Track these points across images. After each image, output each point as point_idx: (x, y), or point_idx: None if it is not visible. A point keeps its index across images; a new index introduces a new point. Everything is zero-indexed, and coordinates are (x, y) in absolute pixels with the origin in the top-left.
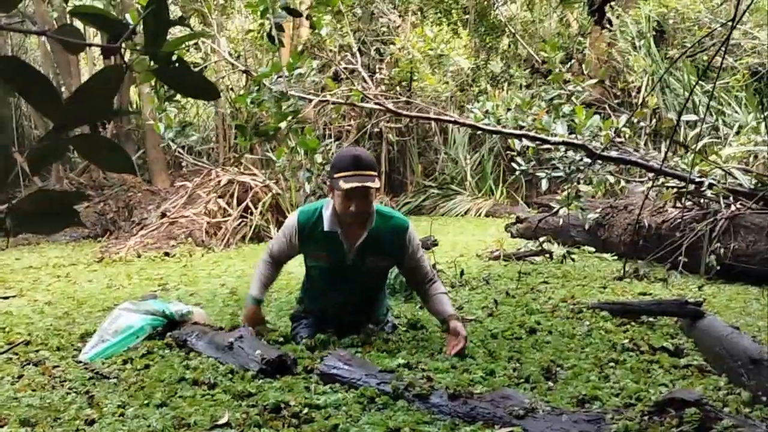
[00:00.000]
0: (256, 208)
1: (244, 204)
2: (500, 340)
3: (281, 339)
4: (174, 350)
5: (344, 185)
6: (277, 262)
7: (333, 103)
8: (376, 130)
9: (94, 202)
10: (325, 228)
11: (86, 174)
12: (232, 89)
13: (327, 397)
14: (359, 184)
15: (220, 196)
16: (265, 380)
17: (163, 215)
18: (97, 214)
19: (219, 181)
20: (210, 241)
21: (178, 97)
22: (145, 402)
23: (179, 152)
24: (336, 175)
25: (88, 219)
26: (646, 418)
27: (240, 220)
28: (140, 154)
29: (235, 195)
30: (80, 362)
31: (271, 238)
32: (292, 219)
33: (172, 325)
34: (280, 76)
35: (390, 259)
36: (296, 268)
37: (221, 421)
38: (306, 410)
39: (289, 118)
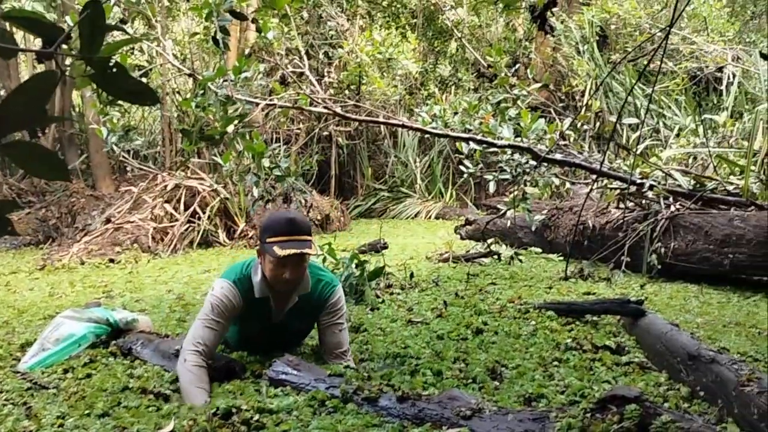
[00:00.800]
0: (204, 213)
1: (191, 209)
2: (446, 341)
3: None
4: (118, 359)
5: (279, 251)
6: (209, 358)
7: (280, 106)
8: (325, 133)
9: (35, 208)
10: (257, 295)
11: (27, 180)
12: (178, 92)
13: (279, 401)
14: (296, 251)
15: (166, 201)
16: (214, 385)
17: (108, 221)
18: (38, 221)
19: (165, 186)
20: (156, 247)
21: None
22: (86, 412)
23: (124, 157)
24: (269, 240)
25: (29, 225)
26: (588, 415)
27: (187, 225)
28: (83, 158)
29: (182, 200)
30: (18, 372)
31: (220, 243)
32: (226, 288)
33: (116, 334)
34: (226, 80)
35: (312, 319)
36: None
37: (165, 430)
38: (257, 416)
39: (236, 122)
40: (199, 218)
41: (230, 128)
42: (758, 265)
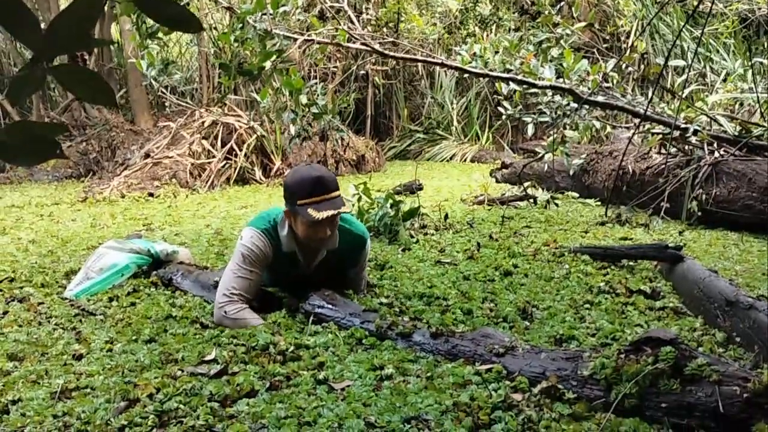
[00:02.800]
0: (240, 150)
1: (228, 146)
2: (472, 281)
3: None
4: (160, 289)
5: (316, 214)
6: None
7: (318, 42)
8: (362, 72)
9: (76, 141)
10: (284, 249)
11: (68, 113)
12: (215, 28)
13: (317, 338)
14: (334, 212)
15: (204, 138)
16: None
17: (147, 156)
18: (79, 154)
19: (203, 122)
20: (194, 183)
21: (160, 34)
22: (133, 338)
23: (162, 92)
24: (301, 203)
25: (70, 158)
26: (622, 356)
27: (224, 161)
28: (122, 93)
29: (219, 136)
30: (66, 299)
31: (256, 180)
32: (256, 236)
33: (157, 265)
34: (265, 14)
35: (343, 270)
36: None
37: (208, 358)
38: (293, 349)
39: (274, 57)
40: (236, 155)
41: (268, 64)
42: None
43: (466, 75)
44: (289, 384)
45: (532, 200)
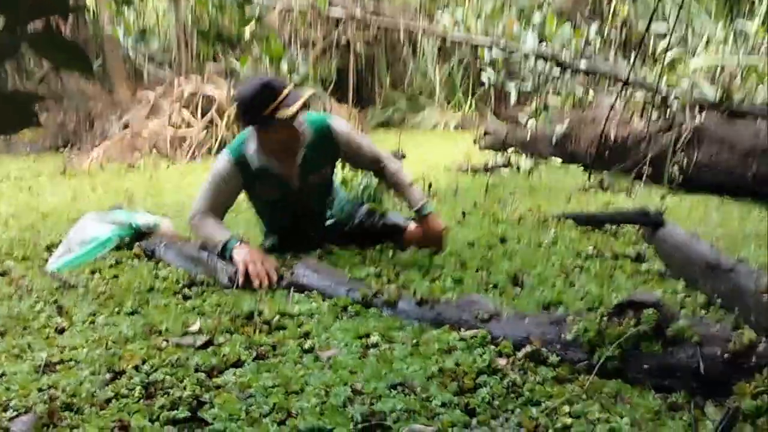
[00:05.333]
0: (221, 120)
1: (208, 115)
2: (470, 249)
3: None
4: (143, 260)
5: (288, 111)
6: (214, 217)
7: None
8: (343, 40)
9: (53, 113)
10: (257, 164)
11: (44, 84)
12: None
13: (301, 305)
14: (303, 99)
15: (184, 107)
16: (238, 291)
17: (126, 126)
18: (57, 126)
19: (182, 92)
20: (175, 154)
21: (136, 1)
22: (116, 310)
23: (140, 61)
24: (267, 110)
25: (48, 130)
26: (605, 319)
27: (205, 131)
28: (100, 63)
29: (200, 106)
30: (47, 272)
31: None
32: (224, 160)
33: (139, 236)
34: None
35: (330, 163)
36: None
37: (193, 328)
38: (278, 318)
39: (253, 23)
40: (217, 125)
41: (247, 31)
42: None
43: (448, 42)
44: (275, 353)
45: (515, 167)
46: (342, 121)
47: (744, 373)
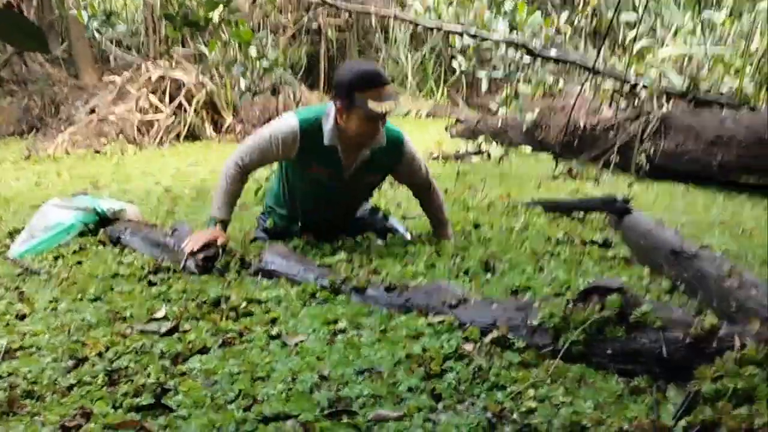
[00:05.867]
0: (190, 106)
1: (177, 101)
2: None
3: None
4: (107, 247)
5: (376, 107)
6: (246, 174)
7: None
8: (314, 25)
9: (18, 97)
10: (325, 142)
11: (7, 68)
12: None
13: (269, 292)
14: (393, 103)
15: (151, 92)
16: (204, 277)
17: (92, 111)
18: (22, 110)
19: (150, 77)
20: (142, 139)
21: None
22: (79, 297)
23: (106, 45)
24: (360, 95)
25: (12, 115)
26: (571, 304)
27: (173, 117)
28: (65, 47)
29: (168, 91)
30: (9, 259)
31: (207, 137)
32: (290, 125)
33: (104, 223)
34: None
35: (384, 172)
36: None
37: (158, 315)
38: (245, 304)
39: (221, 7)
40: (185, 111)
41: (215, 15)
42: (746, 166)
43: (420, 29)
44: (241, 340)
45: (486, 155)
46: (412, 142)
47: (705, 358)
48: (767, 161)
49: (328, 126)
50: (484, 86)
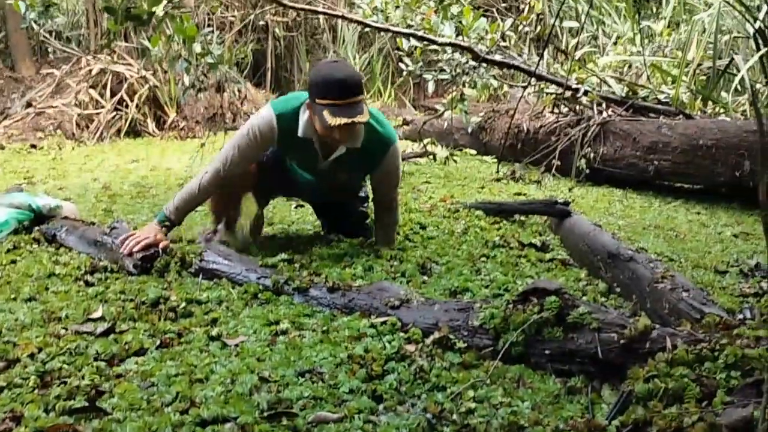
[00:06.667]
0: (131, 101)
1: (118, 96)
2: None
3: None
4: (42, 245)
5: (331, 120)
6: (222, 185)
7: None
8: (261, 22)
9: None
10: (300, 134)
11: None
12: None
13: (210, 292)
14: (348, 120)
15: (92, 87)
16: (144, 277)
17: (29, 105)
18: None
19: (90, 71)
20: (81, 134)
21: None
22: (12, 296)
23: (45, 37)
24: (319, 102)
25: None
26: (510, 306)
27: (114, 112)
28: (1, 37)
29: (109, 86)
30: None
31: (149, 133)
32: (266, 117)
33: (39, 220)
34: None
35: (362, 174)
36: None
37: (95, 315)
38: (185, 305)
39: (165, 1)
40: (127, 106)
41: (159, 9)
42: (681, 172)
43: (368, 30)
44: (180, 341)
45: (432, 157)
46: (400, 155)
47: (638, 358)
48: (701, 167)
49: (304, 117)
50: (431, 88)
